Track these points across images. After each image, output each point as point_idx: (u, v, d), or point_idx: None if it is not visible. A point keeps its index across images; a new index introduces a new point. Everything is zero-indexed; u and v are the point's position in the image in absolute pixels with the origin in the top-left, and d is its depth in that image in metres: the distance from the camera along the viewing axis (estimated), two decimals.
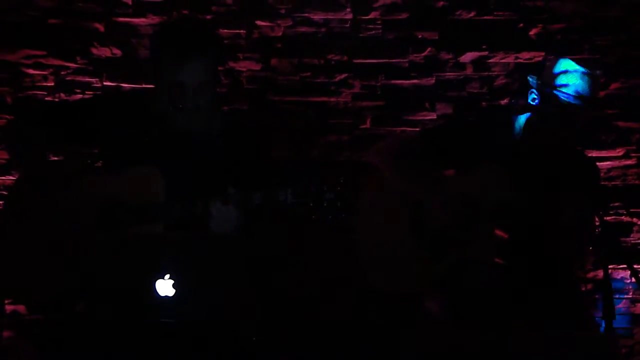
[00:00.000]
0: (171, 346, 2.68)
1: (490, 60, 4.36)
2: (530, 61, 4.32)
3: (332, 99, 4.34)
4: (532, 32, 4.36)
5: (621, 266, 4.28)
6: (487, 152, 3.30)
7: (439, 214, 3.26)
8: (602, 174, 4.23)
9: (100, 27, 4.27)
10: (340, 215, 2.78)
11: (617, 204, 4.28)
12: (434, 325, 3.23)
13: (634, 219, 4.30)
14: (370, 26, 4.35)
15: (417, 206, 3.32)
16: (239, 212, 2.84)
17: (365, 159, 4.02)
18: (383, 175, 3.42)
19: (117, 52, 4.28)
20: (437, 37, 4.35)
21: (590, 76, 3.19)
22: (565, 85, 3.18)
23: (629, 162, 4.33)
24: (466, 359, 3.10)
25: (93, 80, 4.26)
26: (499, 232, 3.17)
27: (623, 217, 4.29)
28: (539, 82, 3.26)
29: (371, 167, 3.45)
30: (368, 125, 4.33)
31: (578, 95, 3.17)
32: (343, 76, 4.35)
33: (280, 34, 4.34)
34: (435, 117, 4.32)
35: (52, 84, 4.24)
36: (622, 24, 4.32)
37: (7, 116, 4.12)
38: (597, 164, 3.54)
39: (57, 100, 4.19)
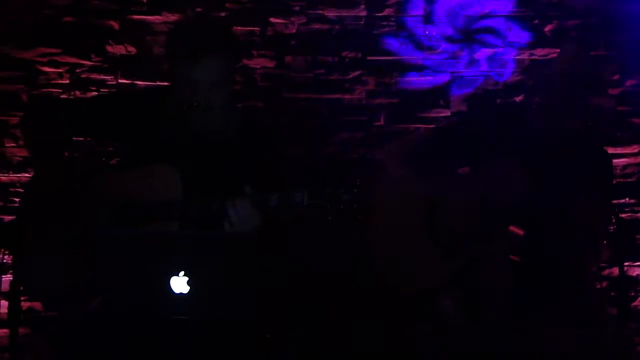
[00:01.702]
0: (185, 344, 2.69)
1: (505, 57, 4.34)
2: (545, 57, 4.30)
3: (346, 96, 4.33)
4: (547, 29, 4.34)
5: (637, 263, 4.26)
6: (501, 149, 3.29)
7: (453, 212, 3.26)
8: (617, 171, 4.22)
9: (115, 25, 4.28)
10: (357, 217, 2.78)
11: (632, 200, 4.26)
12: (448, 324, 3.22)
13: None
14: (384, 23, 4.35)
15: (431, 204, 3.31)
16: (256, 212, 2.84)
17: (379, 157, 4.03)
18: (397, 173, 3.41)
19: (132, 49, 4.29)
20: (451, 34, 4.34)
21: None
22: None
23: None
24: (481, 357, 3.10)
25: (108, 77, 4.27)
26: (514, 229, 3.16)
27: (638, 214, 4.28)
28: None
29: (385, 165, 3.45)
30: (382, 122, 4.32)
31: None
32: (357, 73, 4.34)
33: (294, 31, 4.33)
34: (449, 114, 4.31)
35: (67, 81, 4.25)
36: (638, 20, 4.30)
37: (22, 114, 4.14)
38: (613, 160, 3.52)
39: (72, 97, 4.20)
